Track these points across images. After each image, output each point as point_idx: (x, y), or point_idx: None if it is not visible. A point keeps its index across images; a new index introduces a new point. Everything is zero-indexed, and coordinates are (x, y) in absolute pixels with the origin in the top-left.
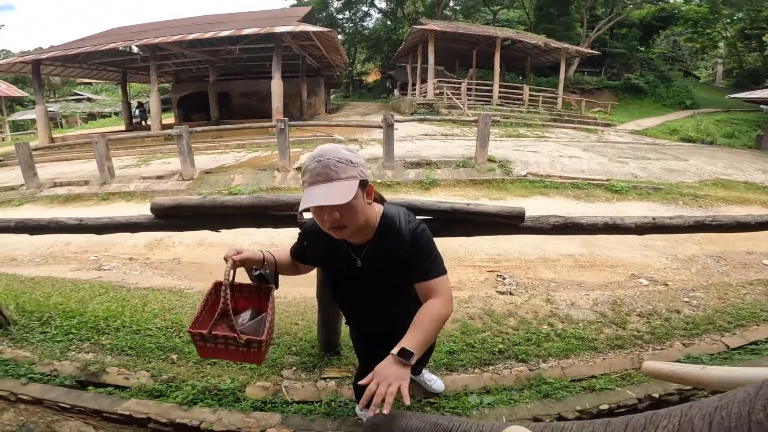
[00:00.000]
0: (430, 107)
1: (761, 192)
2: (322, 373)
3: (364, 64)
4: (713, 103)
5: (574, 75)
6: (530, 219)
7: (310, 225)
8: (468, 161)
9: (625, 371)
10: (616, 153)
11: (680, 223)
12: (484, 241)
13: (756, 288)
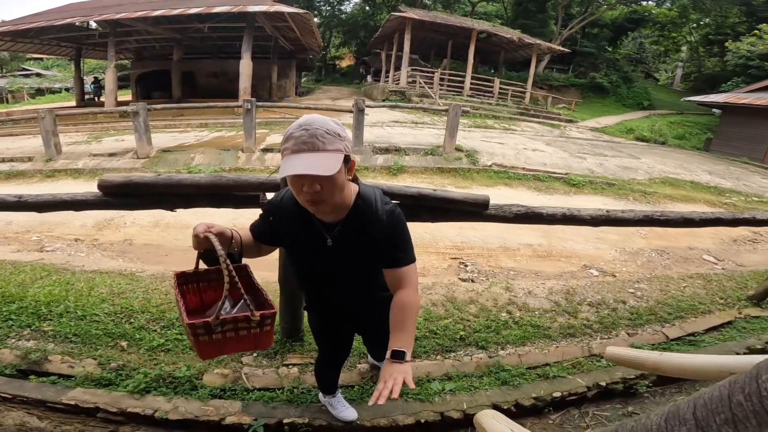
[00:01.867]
0: (402, 95)
1: (706, 191)
2: (284, 359)
3: (339, 48)
4: (669, 105)
5: (543, 71)
6: (494, 207)
7: (277, 200)
8: (436, 149)
9: (576, 359)
10: (576, 149)
11: (631, 216)
12: (449, 228)
13: (695, 282)
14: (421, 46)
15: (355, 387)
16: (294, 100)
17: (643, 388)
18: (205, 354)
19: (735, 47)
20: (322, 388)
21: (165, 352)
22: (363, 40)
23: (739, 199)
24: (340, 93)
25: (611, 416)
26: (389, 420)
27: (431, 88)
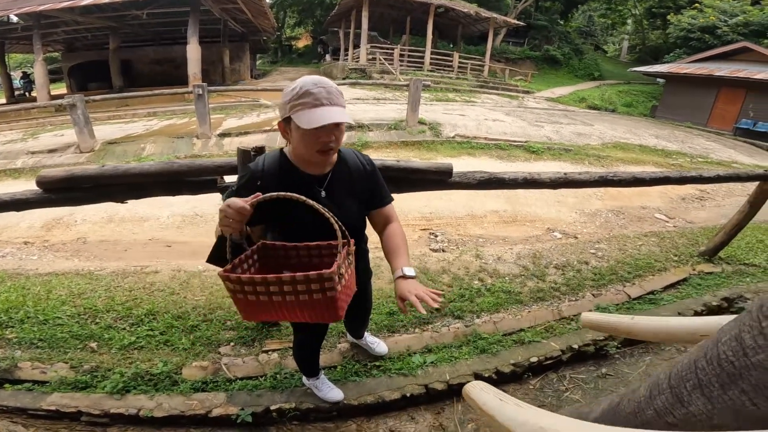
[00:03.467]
0: (363, 72)
1: (653, 154)
2: (262, 346)
3: (295, 29)
4: (617, 76)
5: (500, 45)
6: (458, 175)
7: (259, 167)
8: (399, 124)
9: (548, 323)
10: (534, 118)
11: (587, 178)
12: (417, 200)
13: (650, 240)
14: (379, 22)
15: (338, 367)
16: (250, 82)
17: (612, 350)
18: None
19: (676, 20)
20: (305, 372)
21: (138, 350)
22: (319, 19)
23: (685, 159)
24: (298, 73)
25: (587, 378)
26: (375, 396)
27: (391, 65)
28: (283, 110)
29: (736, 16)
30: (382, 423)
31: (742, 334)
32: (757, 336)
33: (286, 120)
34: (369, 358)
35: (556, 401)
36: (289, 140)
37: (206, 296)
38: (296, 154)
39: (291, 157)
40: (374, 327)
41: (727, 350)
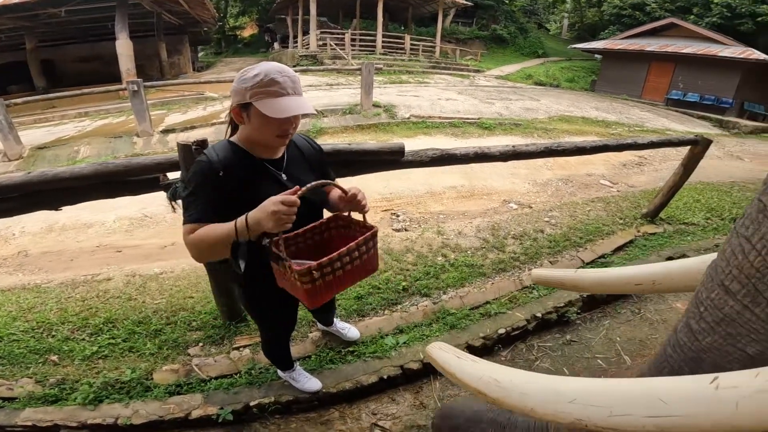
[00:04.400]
0: (314, 59)
1: (595, 125)
2: (232, 343)
3: (238, 18)
4: (559, 53)
5: (450, 26)
6: (410, 153)
7: (215, 157)
8: (354, 108)
9: (511, 294)
10: (485, 95)
11: (534, 149)
12: (376, 182)
13: (597, 205)
14: (328, 7)
15: (312, 356)
16: (192, 76)
17: (573, 315)
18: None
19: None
20: (279, 365)
21: (102, 359)
22: (265, 7)
23: (623, 129)
24: (245, 64)
25: (554, 346)
26: (353, 382)
27: (343, 50)
28: (241, 96)
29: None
30: (364, 407)
31: (689, 320)
32: (699, 320)
33: (244, 105)
34: (342, 345)
35: (528, 370)
36: (242, 125)
37: (166, 299)
38: (251, 139)
39: (243, 145)
40: (343, 313)
41: (682, 336)
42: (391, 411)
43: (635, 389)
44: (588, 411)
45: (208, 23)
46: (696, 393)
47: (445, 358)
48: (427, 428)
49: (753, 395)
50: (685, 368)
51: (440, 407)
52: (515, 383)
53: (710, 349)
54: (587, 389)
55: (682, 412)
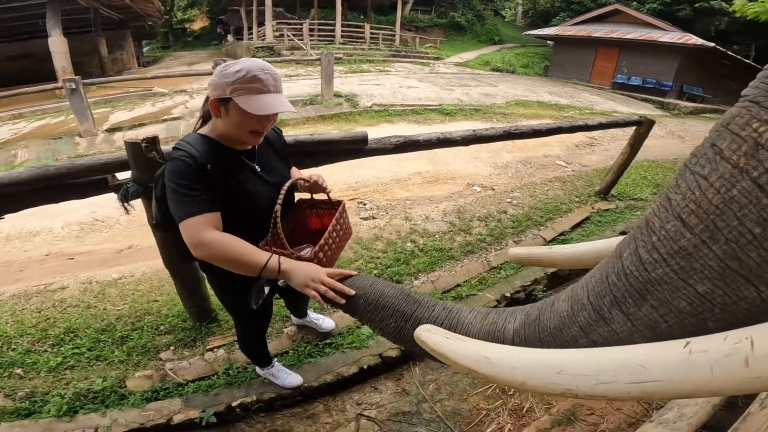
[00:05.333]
0: (271, 50)
1: (549, 108)
2: (205, 344)
3: (187, 11)
4: (514, 39)
5: (409, 14)
6: (374, 141)
7: (195, 151)
8: (315, 98)
9: (480, 275)
10: (445, 82)
11: (493, 133)
12: (341, 171)
13: (554, 185)
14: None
15: (290, 352)
16: (137, 71)
17: (540, 293)
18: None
19: None
20: (258, 362)
21: (69, 370)
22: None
23: (575, 112)
24: (196, 57)
25: None
26: (334, 374)
27: (301, 40)
28: (220, 90)
29: None
30: (348, 398)
31: (638, 248)
32: (651, 250)
33: (223, 100)
34: (319, 337)
35: None
36: (218, 118)
37: (129, 304)
38: (226, 133)
39: (216, 137)
40: (317, 304)
41: (629, 264)
42: (374, 400)
43: (618, 357)
44: (576, 381)
45: (153, 17)
46: (672, 358)
47: (435, 339)
48: (412, 414)
49: (722, 359)
50: (628, 299)
51: (352, 281)
52: (505, 359)
53: (659, 282)
54: (574, 359)
55: (662, 377)
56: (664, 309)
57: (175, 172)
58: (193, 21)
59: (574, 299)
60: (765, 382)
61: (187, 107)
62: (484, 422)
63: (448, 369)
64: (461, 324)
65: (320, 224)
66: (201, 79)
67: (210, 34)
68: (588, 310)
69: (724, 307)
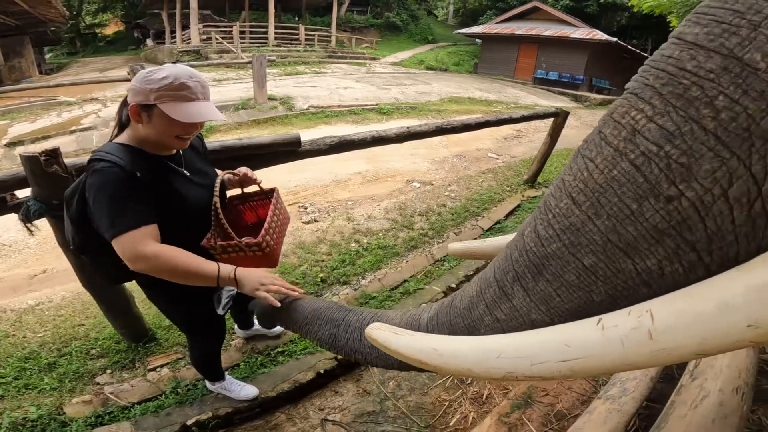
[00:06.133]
0: (197, 54)
1: (480, 104)
2: (146, 365)
3: (97, 15)
4: (446, 38)
5: (345, 15)
6: (308, 143)
7: (122, 161)
8: (247, 103)
9: (425, 269)
10: (381, 82)
11: (426, 129)
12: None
13: (488, 176)
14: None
15: (240, 364)
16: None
17: None
18: None
19: None
20: (210, 377)
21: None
22: (133, 2)
23: (503, 106)
24: (109, 63)
25: None
26: (291, 382)
27: (231, 43)
28: (143, 96)
29: None
30: (310, 405)
31: (537, 226)
32: (547, 227)
33: (145, 106)
34: (270, 347)
35: None
36: (138, 124)
37: (51, 330)
38: (148, 140)
39: (136, 144)
40: None
41: (529, 241)
42: (337, 403)
43: (546, 338)
44: (514, 363)
45: (56, 22)
46: (588, 335)
47: (385, 336)
48: (377, 413)
49: (630, 333)
50: (528, 274)
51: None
52: (450, 348)
53: (554, 257)
54: (510, 343)
55: (583, 354)
56: (557, 283)
57: (101, 185)
58: (105, 26)
59: (482, 278)
60: (670, 354)
61: (99, 116)
62: (447, 413)
63: None
64: (385, 320)
65: (256, 217)
66: (116, 86)
67: (126, 38)
68: (493, 287)
69: (605, 280)
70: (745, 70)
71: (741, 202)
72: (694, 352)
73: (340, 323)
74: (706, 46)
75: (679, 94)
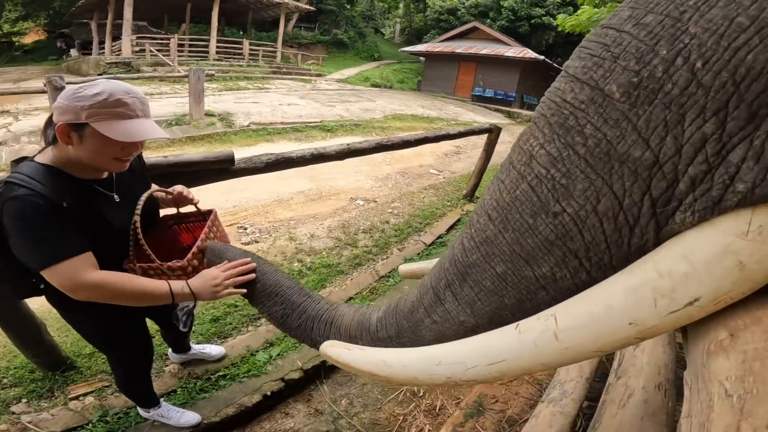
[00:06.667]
0: (127, 66)
1: (422, 121)
2: (66, 393)
3: (17, 23)
4: (392, 56)
5: (292, 30)
6: (242, 160)
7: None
8: (182, 119)
9: (371, 285)
10: (326, 99)
11: (367, 146)
12: (215, 196)
13: (429, 192)
14: (150, 10)
15: (177, 390)
16: None
17: None
18: None
19: (432, 3)
20: (143, 403)
21: None
22: (59, 11)
23: (443, 123)
24: (25, 73)
25: None
26: (236, 406)
27: (167, 56)
28: (73, 115)
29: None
30: (259, 428)
31: (463, 239)
32: (470, 240)
33: (75, 125)
34: (210, 372)
35: None
36: (67, 145)
37: None
38: (77, 161)
39: (61, 166)
40: (201, 339)
41: (457, 252)
42: (288, 426)
43: (476, 344)
44: (451, 369)
45: None
46: (509, 339)
47: (338, 352)
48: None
49: (540, 335)
50: (456, 281)
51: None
52: (397, 360)
53: (474, 265)
54: (448, 351)
55: (505, 356)
56: (478, 288)
57: (21, 216)
58: (24, 34)
59: (422, 285)
60: (575, 352)
61: (10, 131)
62: (403, 428)
63: (357, 381)
64: (338, 315)
65: (192, 239)
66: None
67: (46, 48)
68: (430, 293)
69: (513, 285)
70: (606, 100)
71: (608, 216)
72: (592, 349)
73: (296, 307)
74: (580, 78)
75: (561, 123)
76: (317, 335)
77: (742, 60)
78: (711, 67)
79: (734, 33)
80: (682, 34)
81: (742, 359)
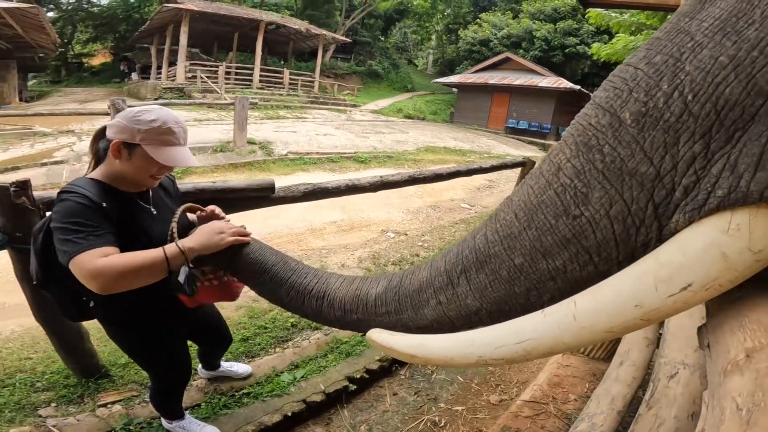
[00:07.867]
0: (181, 92)
1: (454, 154)
2: (96, 401)
3: (88, 44)
4: (425, 87)
5: (329, 61)
6: (282, 189)
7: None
8: (227, 145)
9: None
10: (360, 129)
11: (399, 178)
12: (252, 222)
13: (460, 226)
14: (202, 38)
15: (202, 405)
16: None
17: None
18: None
19: (464, 35)
20: (168, 415)
21: None
22: (124, 35)
23: (476, 156)
24: (91, 94)
25: None
26: (256, 424)
27: (216, 83)
28: (128, 134)
29: (503, 29)
30: None
31: (486, 231)
32: (494, 233)
33: (129, 144)
34: (234, 389)
35: (428, 383)
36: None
37: None
38: (122, 175)
39: (108, 181)
40: (229, 356)
41: (479, 242)
42: None
43: (507, 326)
44: (482, 349)
45: (45, 49)
46: (536, 321)
47: (383, 338)
48: None
49: (562, 318)
50: (472, 268)
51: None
52: (435, 343)
53: (495, 256)
54: (479, 333)
55: (532, 336)
56: (493, 276)
57: (65, 212)
58: (93, 56)
59: (433, 268)
60: (589, 332)
61: (73, 150)
62: None
63: (378, 408)
64: (330, 289)
65: None
66: (94, 119)
67: (111, 70)
68: (443, 276)
69: (526, 276)
70: (621, 125)
71: (618, 219)
72: (604, 329)
73: (284, 284)
74: (603, 107)
75: (585, 142)
76: (309, 309)
77: (722, 93)
78: (699, 99)
79: (717, 70)
80: (680, 72)
81: (755, 377)
